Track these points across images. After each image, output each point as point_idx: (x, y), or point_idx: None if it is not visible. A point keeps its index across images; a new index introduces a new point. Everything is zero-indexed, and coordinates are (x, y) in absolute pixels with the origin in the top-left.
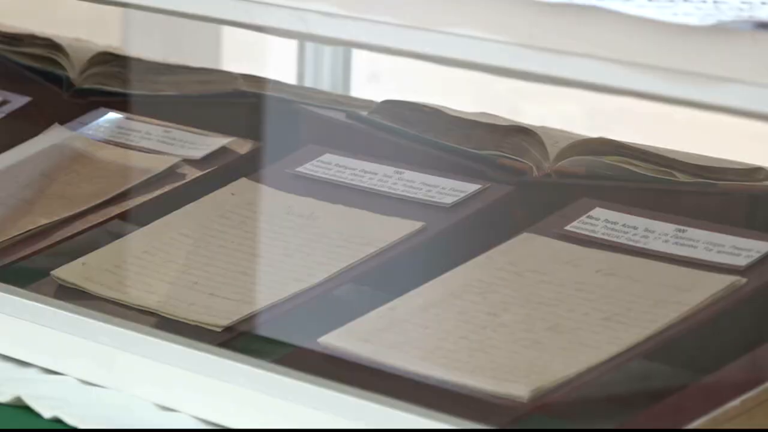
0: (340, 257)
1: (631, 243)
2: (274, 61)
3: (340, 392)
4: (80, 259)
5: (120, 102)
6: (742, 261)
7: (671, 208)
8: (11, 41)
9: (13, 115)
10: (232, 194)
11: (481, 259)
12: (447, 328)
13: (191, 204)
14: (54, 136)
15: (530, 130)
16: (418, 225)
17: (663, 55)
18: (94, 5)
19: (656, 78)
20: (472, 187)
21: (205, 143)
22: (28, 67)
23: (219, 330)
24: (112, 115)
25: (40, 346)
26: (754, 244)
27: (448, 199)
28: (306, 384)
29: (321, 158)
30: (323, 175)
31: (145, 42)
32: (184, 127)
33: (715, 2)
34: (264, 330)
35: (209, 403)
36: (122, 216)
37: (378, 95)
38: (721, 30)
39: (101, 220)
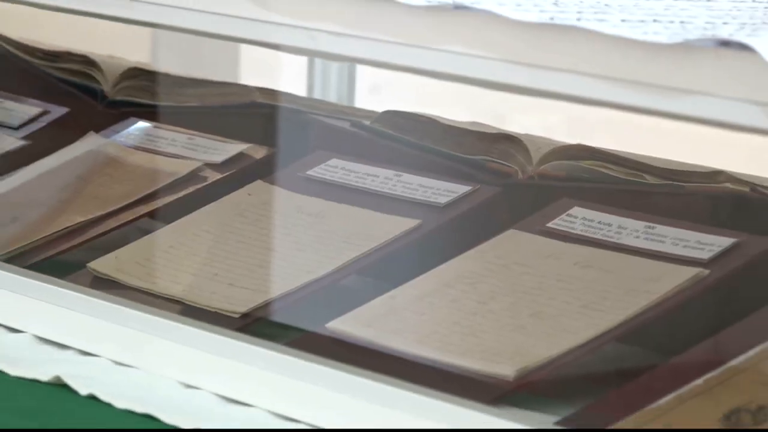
0: (345, 251)
1: (606, 238)
2: (286, 76)
3: (346, 372)
4: (113, 253)
5: (149, 112)
6: (705, 254)
7: (642, 207)
8: (51, 57)
9: (52, 125)
10: (249, 195)
11: (471, 253)
12: (441, 315)
13: (212, 204)
14: (89, 143)
15: (515, 138)
16: (415, 222)
17: (635, 70)
18: (126, 25)
19: (629, 90)
20: (463, 189)
21: (224, 149)
22: (66, 81)
23: (237, 316)
24: (142, 124)
25: (77, 331)
26: (716, 239)
27: (442, 199)
28: (315, 365)
29: (328, 163)
30: (330, 178)
31: (172, 58)
32: (206, 135)
33: (681, 22)
34: (277, 316)
35: (228, 382)
36: (150, 214)
37: (379, 106)
38: (687, 47)
39: (132, 218)
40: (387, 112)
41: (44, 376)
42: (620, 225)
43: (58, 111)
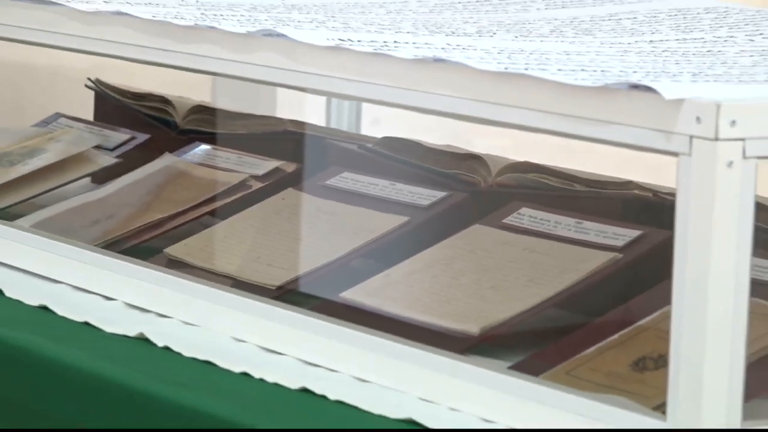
0: (353, 240)
1: (546, 231)
2: (310, 111)
3: (354, 330)
4: (183, 242)
5: (209, 138)
6: (619, 243)
7: (572, 208)
8: (137, 98)
9: (138, 147)
10: (282, 199)
11: (446, 241)
12: (424, 287)
13: (255, 205)
14: (165, 160)
15: (479, 156)
16: (404, 219)
17: (568, 106)
18: (193, 74)
19: (563, 121)
20: (441, 194)
21: (264, 165)
22: (148, 115)
23: (274, 288)
24: (204, 147)
25: (156, 299)
26: (627, 231)
27: (425, 202)
28: (331, 324)
29: (341, 175)
30: (342, 186)
31: (226, 98)
32: (251, 154)
33: (602, 71)
34: (304, 288)
35: (267, 336)
36: (210, 213)
37: (379, 133)
38: (606, 89)
39: (196, 215)
40: (385, 138)
41: (131, 332)
42: (556, 221)
43: (142, 137)
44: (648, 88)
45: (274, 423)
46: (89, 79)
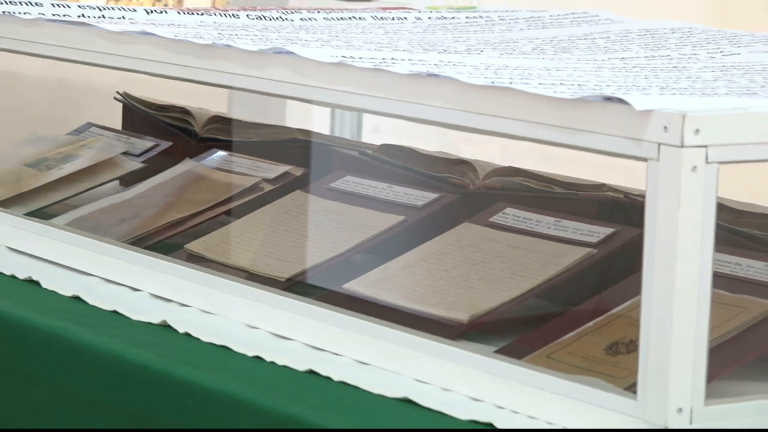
0: (354, 237)
1: (528, 228)
2: (316, 120)
3: (356, 318)
4: (202, 238)
5: (225, 145)
6: (594, 239)
7: (552, 208)
8: (161, 109)
9: (161, 154)
10: (292, 200)
11: (438, 238)
12: (418, 280)
13: (267, 205)
14: (185, 165)
15: (468, 161)
16: (401, 218)
17: (548, 116)
18: (211, 87)
19: (544, 130)
20: (433, 196)
21: (275, 169)
22: (170, 124)
23: (283, 280)
24: (221, 153)
25: (178, 290)
26: (601, 229)
27: (420, 203)
28: (335, 313)
29: (344, 179)
30: (345, 189)
31: (241, 109)
32: (263, 160)
33: (579, 85)
34: (311, 280)
35: (277, 323)
36: (226, 212)
37: (378, 141)
38: (583, 101)
39: (214, 214)
40: (383, 145)
41: (155, 320)
42: (537, 220)
43: (165, 144)
44: (620, 100)
45: (283, 402)
46: (117, 92)
